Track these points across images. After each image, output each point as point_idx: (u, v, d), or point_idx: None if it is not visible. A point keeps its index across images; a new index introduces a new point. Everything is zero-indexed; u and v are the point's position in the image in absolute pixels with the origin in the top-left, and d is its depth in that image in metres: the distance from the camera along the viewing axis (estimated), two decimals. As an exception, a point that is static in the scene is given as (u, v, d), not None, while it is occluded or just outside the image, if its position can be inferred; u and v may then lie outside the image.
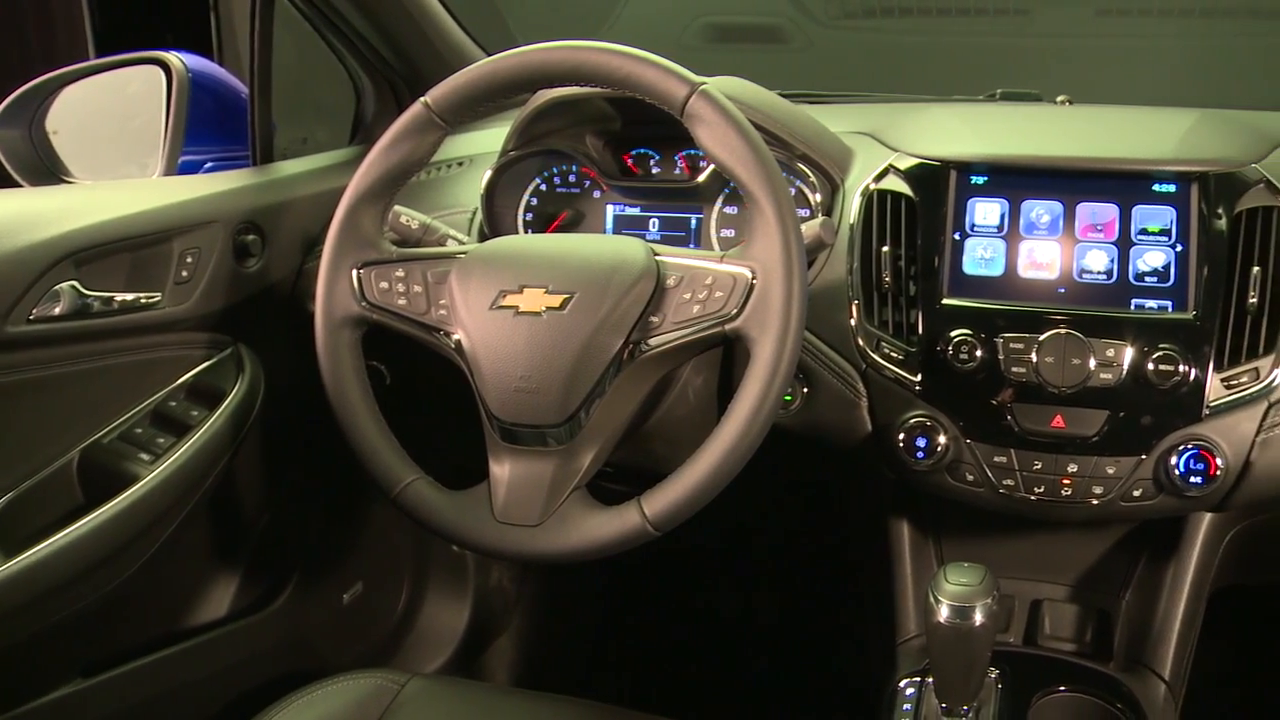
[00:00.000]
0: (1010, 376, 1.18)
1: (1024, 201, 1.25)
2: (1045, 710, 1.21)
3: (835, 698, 1.62)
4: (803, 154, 1.31)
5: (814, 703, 1.87)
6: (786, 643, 2.05)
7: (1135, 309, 1.19)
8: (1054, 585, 1.37)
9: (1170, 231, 1.21)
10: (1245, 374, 1.15)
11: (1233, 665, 1.83)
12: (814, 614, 2.04)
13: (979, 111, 1.47)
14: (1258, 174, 1.21)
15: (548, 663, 2.05)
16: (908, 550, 1.36)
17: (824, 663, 1.95)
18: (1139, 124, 1.35)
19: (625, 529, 1.08)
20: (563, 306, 1.09)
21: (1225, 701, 1.77)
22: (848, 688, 1.51)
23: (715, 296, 1.07)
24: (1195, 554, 1.29)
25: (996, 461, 1.20)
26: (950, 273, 1.23)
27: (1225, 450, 1.15)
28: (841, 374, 1.25)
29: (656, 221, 1.41)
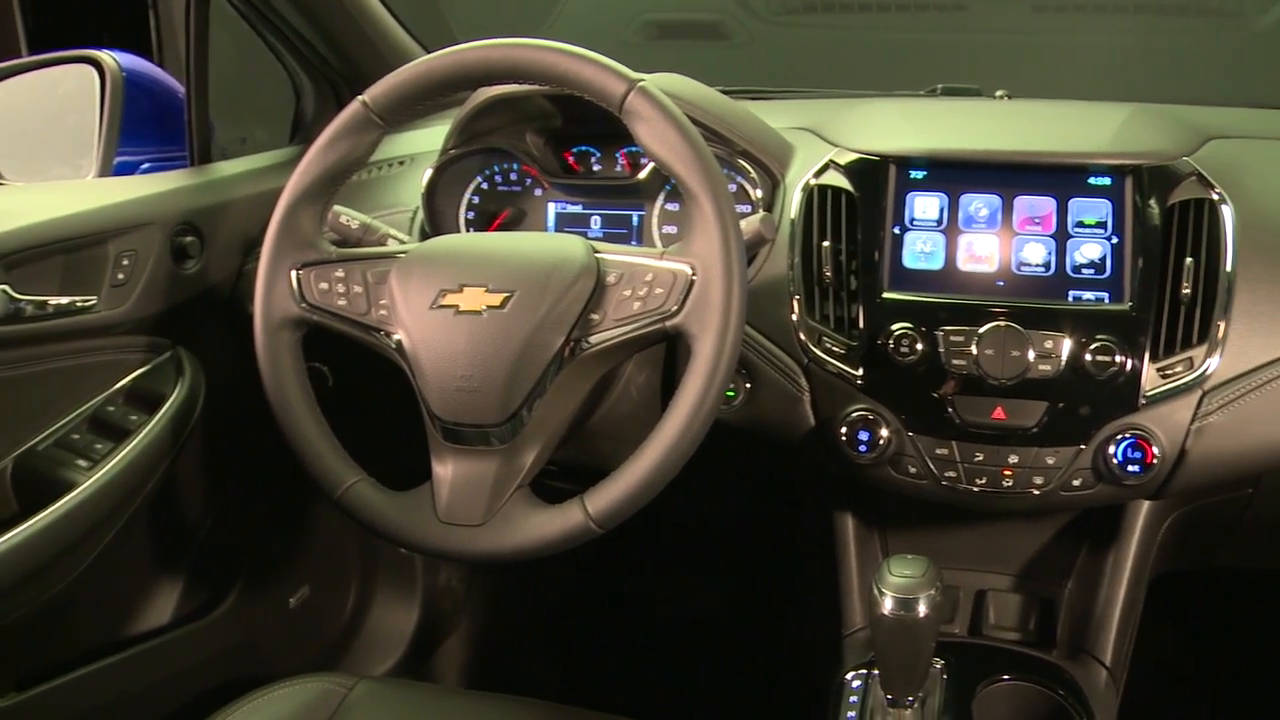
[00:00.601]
0: (951, 369, 1.19)
1: (962, 195, 1.26)
2: (989, 699, 1.22)
3: (784, 692, 1.63)
4: (743, 150, 1.31)
5: (763, 697, 1.88)
6: (735, 638, 2.06)
7: (1073, 301, 1.21)
8: (998, 575, 1.39)
9: (1106, 224, 1.23)
10: (1180, 364, 1.17)
11: (1173, 650, 1.86)
12: (762, 609, 2.05)
13: (919, 107, 1.48)
14: (1189, 167, 1.23)
15: (498, 663, 2.05)
16: (852, 543, 1.37)
17: (772, 657, 1.96)
18: (1075, 118, 1.36)
19: (568, 527, 1.07)
20: (503, 305, 1.09)
21: (1165, 685, 1.80)
22: (796, 681, 1.51)
23: (655, 293, 1.06)
24: (1134, 542, 1.30)
25: (938, 454, 1.20)
26: (890, 267, 1.24)
27: (1161, 439, 1.16)
28: (784, 369, 1.25)
29: (598, 219, 1.41)
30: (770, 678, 1.91)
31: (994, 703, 1.22)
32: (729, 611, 2.09)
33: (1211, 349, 1.16)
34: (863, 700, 1.21)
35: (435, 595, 1.95)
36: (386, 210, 1.45)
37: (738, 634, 2.06)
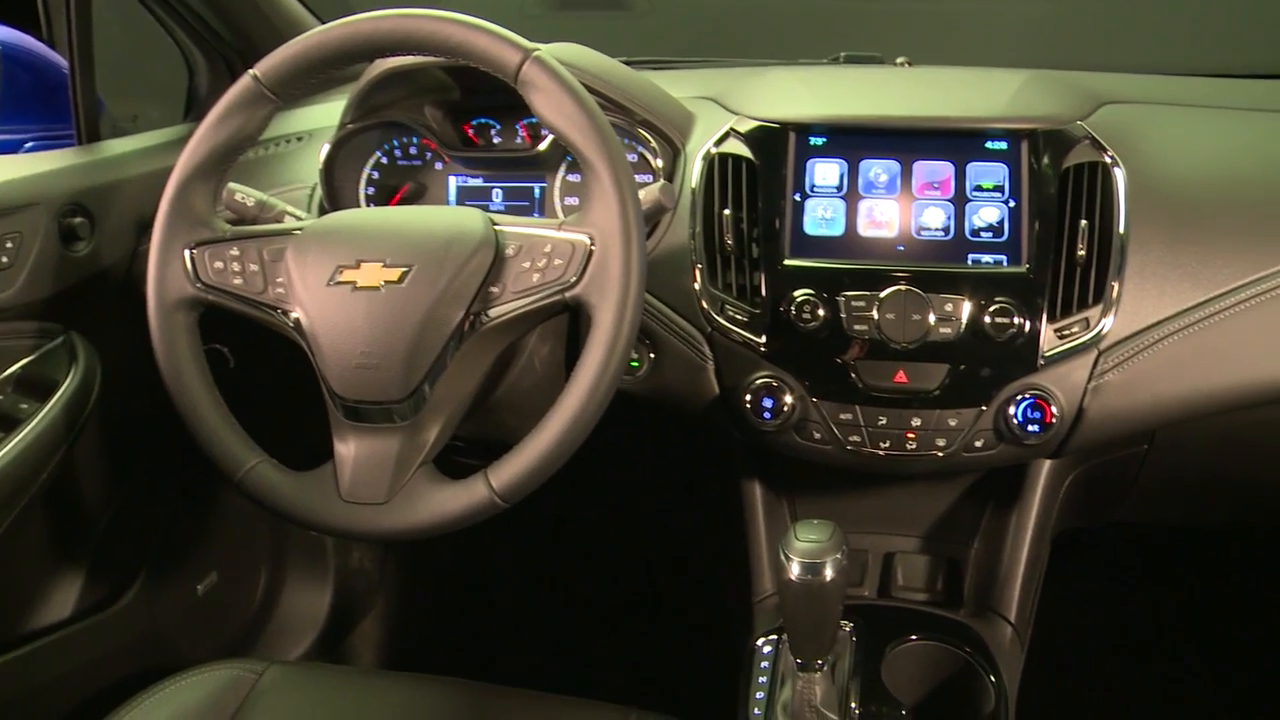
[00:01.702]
0: (853, 334, 1.20)
1: (862, 161, 1.26)
2: (898, 659, 1.24)
3: (700, 660, 1.64)
4: (643, 119, 1.31)
5: (679, 666, 1.89)
6: (651, 608, 2.07)
7: (972, 264, 1.22)
8: (906, 538, 1.40)
9: (1004, 188, 1.24)
10: (1076, 324, 1.19)
11: (1076, 605, 1.90)
12: (676, 578, 2.06)
13: (820, 74, 1.48)
14: (1083, 131, 1.25)
15: (414, 642, 2.03)
16: (761, 510, 1.38)
17: (688, 626, 1.97)
18: (972, 84, 1.38)
19: (473, 502, 1.07)
20: (401, 280, 1.07)
21: (1069, 639, 1.84)
22: (709, 649, 1.52)
23: (554, 264, 1.06)
24: (1036, 500, 1.33)
25: (842, 419, 1.21)
26: (791, 234, 1.24)
27: (1060, 398, 1.18)
28: (687, 338, 1.25)
29: (500, 192, 1.39)
30: (686, 647, 1.92)
31: (903, 663, 1.24)
32: (643, 582, 2.10)
33: (1106, 309, 1.18)
34: (773, 665, 1.22)
35: (348, 577, 1.93)
36: (284, 187, 1.42)
37: (653, 604, 2.07)
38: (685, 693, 1.43)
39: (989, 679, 1.23)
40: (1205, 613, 2.04)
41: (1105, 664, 1.95)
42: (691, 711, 1.23)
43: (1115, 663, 1.96)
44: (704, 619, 1.66)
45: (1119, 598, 2.03)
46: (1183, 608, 2.04)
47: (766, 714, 1.18)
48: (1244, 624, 2.02)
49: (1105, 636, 1.99)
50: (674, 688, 1.54)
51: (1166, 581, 2.05)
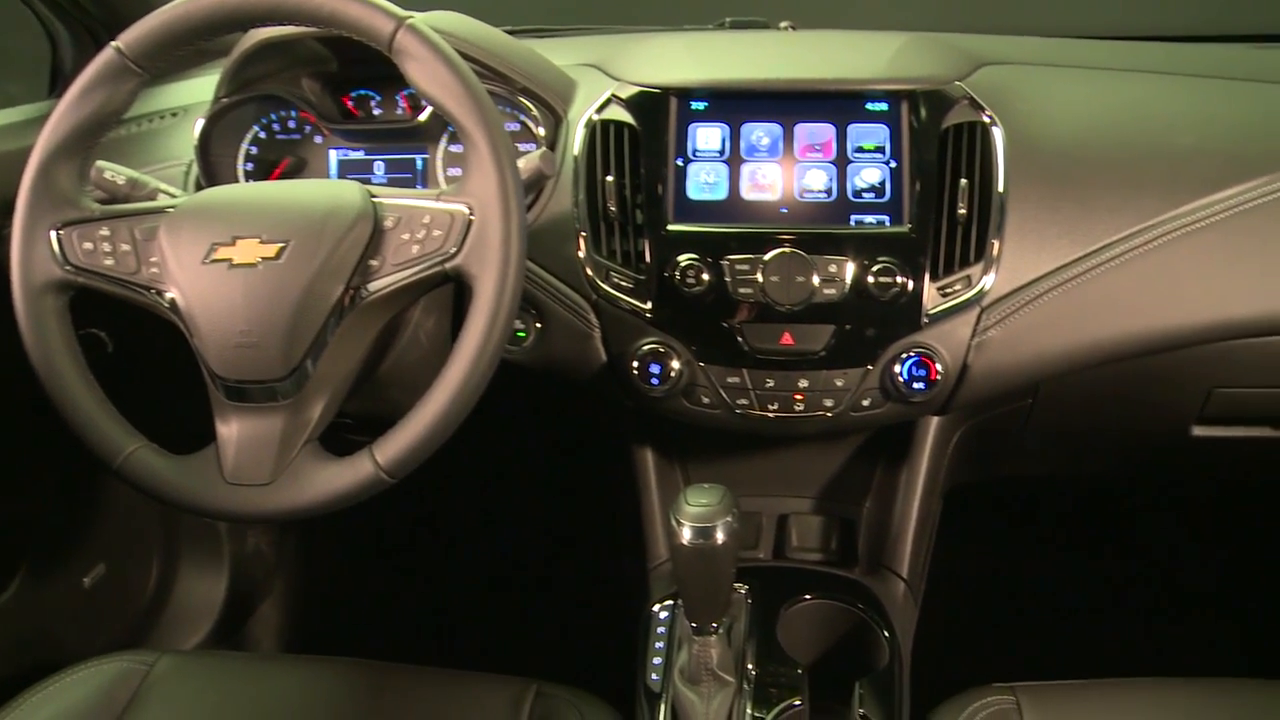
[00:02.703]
0: (738, 297, 1.20)
1: (744, 125, 1.26)
2: (793, 619, 1.25)
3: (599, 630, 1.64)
4: (523, 87, 1.29)
5: (580, 635, 1.89)
6: (547, 579, 2.07)
7: (855, 225, 1.23)
8: (799, 499, 1.42)
9: (885, 149, 1.25)
10: (958, 282, 1.20)
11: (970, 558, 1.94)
12: (573, 549, 2.06)
13: (704, 39, 1.48)
14: (961, 91, 1.26)
15: (316, 625, 2.00)
16: (653, 476, 1.38)
17: (586, 596, 1.97)
18: (853, 47, 1.38)
19: (359, 479, 1.05)
20: (278, 256, 1.05)
21: (963, 592, 1.87)
22: (610, 619, 1.53)
23: (434, 235, 1.04)
24: (925, 458, 1.35)
25: (730, 382, 1.22)
26: (675, 199, 1.24)
27: (944, 355, 1.20)
28: (573, 306, 1.24)
29: (382, 164, 1.37)
30: (586, 617, 1.92)
31: (798, 622, 1.25)
32: (543, 554, 2.10)
33: (987, 267, 1.20)
34: (670, 631, 1.23)
35: (244, 561, 1.89)
36: (158, 165, 1.38)
37: (553, 575, 2.07)
38: (587, 663, 1.42)
39: (883, 634, 1.24)
40: (1093, 560, 2.09)
41: (999, 615, 2.00)
42: (594, 681, 1.23)
43: (1009, 613, 2.01)
44: (603, 588, 1.66)
45: (1010, 550, 2.08)
46: (1071, 557, 2.09)
47: (664, 679, 1.18)
48: (1128, 568, 2.08)
49: (998, 588, 2.04)
50: (576, 658, 1.54)
51: (1055, 532, 2.10)
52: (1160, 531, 2.09)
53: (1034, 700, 1.16)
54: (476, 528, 2.14)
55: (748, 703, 1.15)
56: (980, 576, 2.02)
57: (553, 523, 2.09)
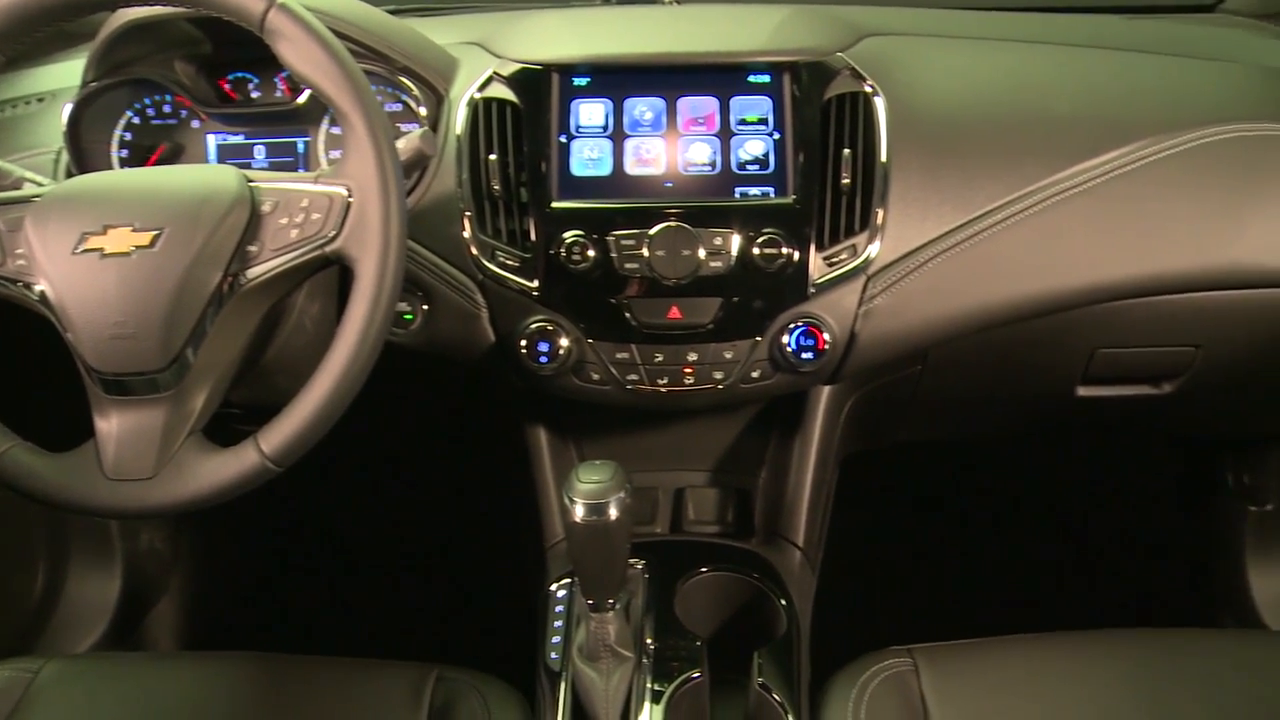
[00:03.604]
0: (624, 273, 1.20)
1: (627, 100, 1.26)
2: (690, 592, 1.25)
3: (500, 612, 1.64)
4: (404, 66, 1.27)
5: (480, 618, 1.88)
6: (447, 563, 2.06)
7: (739, 197, 1.23)
8: (695, 472, 1.42)
9: (768, 120, 1.25)
10: (844, 251, 1.21)
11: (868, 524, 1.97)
12: (471, 530, 2.05)
13: (586, 15, 1.47)
14: (843, 62, 1.27)
15: (216, 621, 1.97)
16: (547, 455, 1.38)
17: (486, 577, 1.96)
18: (735, 19, 1.38)
19: (244, 469, 1.03)
20: (152, 244, 1.02)
21: (863, 559, 1.90)
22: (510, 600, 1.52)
23: (313, 219, 1.02)
24: (818, 427, 1.36)
25: (619, 358, 1.22)
26: (559, 176, 1.23)
27: (832, 325, 1.21)
28: (459, 287, 1.23)
29: (263, 149, 1.34)
30: (488, 599, 1.91)
31: (695, 595, 1.26)
32: (442, 537, 2.08)
33: (872, 236, 1.21)
34: (568, 609, 1.23)
35: (138, 559, 1.85)
36: (24, 153, 1.33)
37: (452, 559, 2.06)
38: (489, 645, 1.42)
39: (780, 603, 1.26)
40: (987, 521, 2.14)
41: (900, 579, 2.03)
42: (497, 663, 1.23)
43: (910, 577, 2.04)
44: (502, 570, 1.66)
45: (907, 514, 2.12)
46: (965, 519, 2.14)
47: (563, 658, 1.18)
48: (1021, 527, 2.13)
49: (898, 552, 2.07)
50: (478, 641, 1.53)
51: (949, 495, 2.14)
52: (1050, 490, 2.14)
53: (930, 661, 1.19)
54: (374, 514, 2.11)
55: (647, 677, 1.15)
56: (879, 542, 2.05)
57: (450, 506, 2.08)
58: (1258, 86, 1.39)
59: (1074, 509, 2.13)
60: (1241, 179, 1.28)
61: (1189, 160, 1.27)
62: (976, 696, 1.16)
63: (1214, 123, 1.29)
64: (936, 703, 1.15)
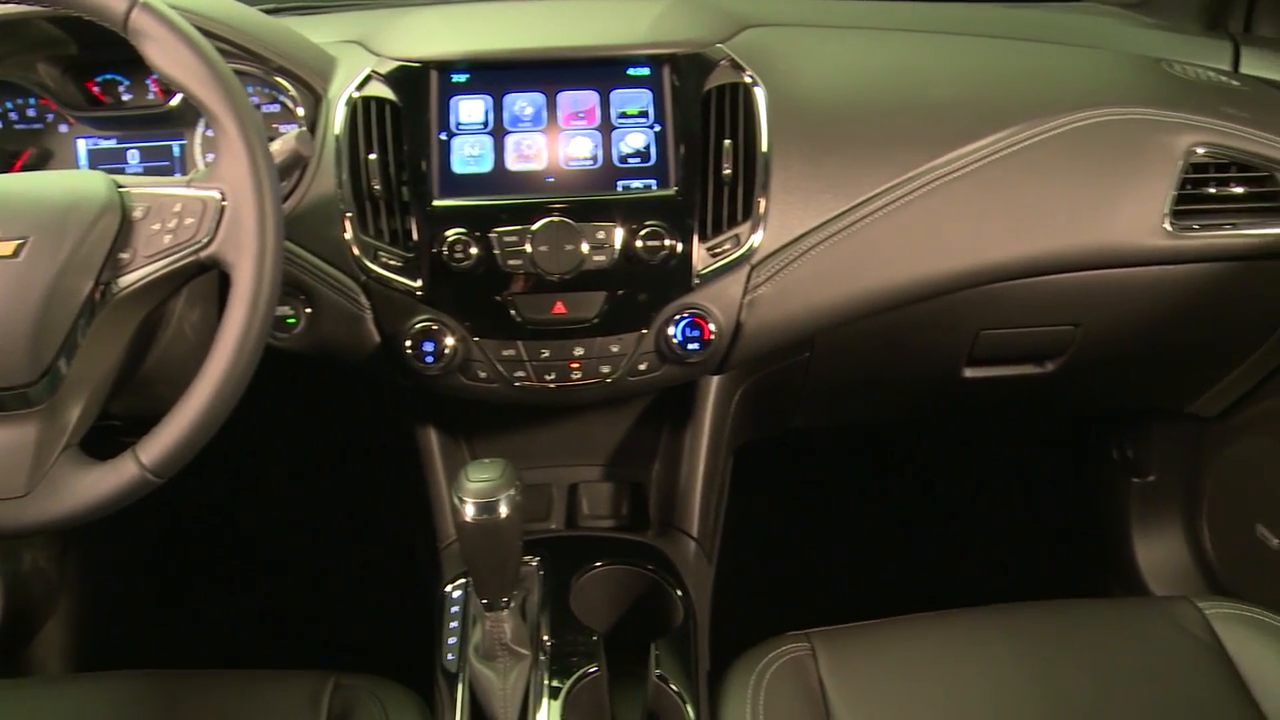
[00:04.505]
0: (508, 269, 1.19)
1: (506, 95, 1.25)
2: (586, 587, 1.25)
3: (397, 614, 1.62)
4: (279, 66, 1.25)
5: (378, 623, 1.86)
6: (342, 568, 2.03)
7: (622, 190, 1.23)
8: (588, 467, 1.42)
9: (648, 113, 1.25)
10: (727, 241, 1.22)
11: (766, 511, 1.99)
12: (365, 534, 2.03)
13: (466, 11, 1.45)
14: (722, 53, 1.28)
15: (106, 641, 1.91)
16: (438, 455, 1.37)
17: (382, 581, 1.94)
18: (615, 12, 1.38)
19: (123, 482, 1.00)
20: (16, 254, 0.99)
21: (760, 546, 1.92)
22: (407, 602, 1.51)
23: (186, 224, 1.00)
24: (708, 417, 1.37)
25: (506, 355, 1.21)
26: (439, 174, 1.22)
27: (717, 315, 1.22)
28: (342, 289, 1.21)
29: (137, 153, 1.31)
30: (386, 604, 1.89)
31: (591, 590, 1.26)
32: (336, 542, 2.06)
33: (755, 225, 1.22)
34: (464, 609, 1.22)
35: (21, 581, 1.79)
36: (-120, 162, 1.29)
37: (348, 564, 2.03)
38: (388, 650, 1.41)
39: (676, 594, 1.26)
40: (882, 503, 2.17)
41: (800, 565, 2.05)
42: (396, 668, 1.22)
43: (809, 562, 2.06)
44: (399, 573, 1.64)
45: (804, 500, 2.14)
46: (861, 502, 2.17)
47: (460, 659, 1.18)
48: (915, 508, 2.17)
49: (797, 538, 2.09)
50: (377, 646, 1.52)
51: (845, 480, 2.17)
52: (943, 469, 2.18)
53: (827, 644, 1.20)
54: (266, 522, 2.08)
55: (545, 674, 1.15)
56: (780, 529, 2.07)
57: (343, 510, 2.05)
58: (1125, 72, 1.43)
59: (968, 487, 2.17)
60: (1112, 161, 1.31)
61: (1062, 144, 1.30)
62: (873, 677, 1.18)
63: (1085, 107, 1.32)
64: (834, 685, 1.16)
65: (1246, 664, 1.18)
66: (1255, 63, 1.48)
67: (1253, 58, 1.49)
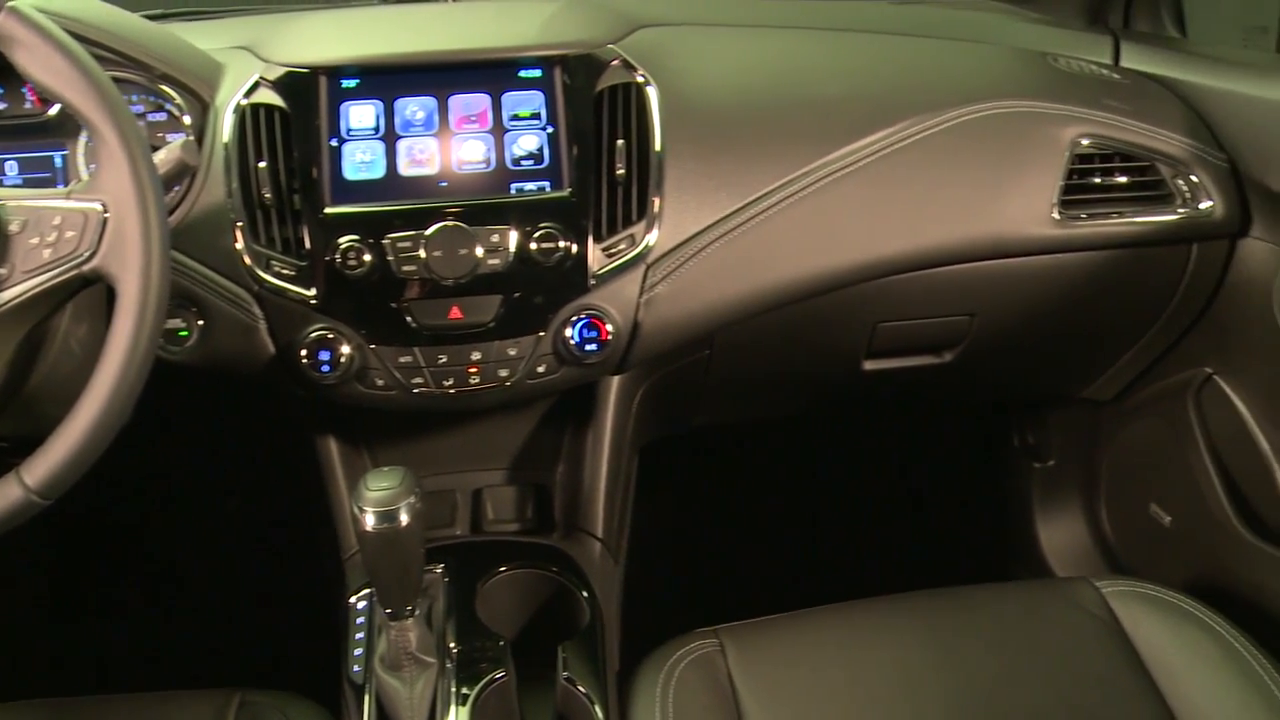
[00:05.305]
0: (402, 275, 1.18)
1: (397, 100, 1.24)
2: (492, 592, 1.25)
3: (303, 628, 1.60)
4: (163, 74, 1.23)
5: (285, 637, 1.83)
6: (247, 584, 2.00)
7: (515, 193, 1.23)
8: (492, 471, 1.42)
9: (541, 115, 1.25)
10: (622, 241, 1.22)
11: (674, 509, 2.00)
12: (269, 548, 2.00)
13: (355, 16, 1.44)
14: (614, 53, 1.28)
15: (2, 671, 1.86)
16: (339, 465, 1.35)
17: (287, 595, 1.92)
18: (507, 15, 1.38)
19: (6, 505, 0.97)
20: None
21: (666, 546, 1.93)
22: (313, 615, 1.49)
23: (67, 237, 0.97)
24: (610, 417, 1.37)
25: (403, 362, 1.20)
26: (331, 181, 1.21)
27: (614, 315, 1.22)
28: (235, 300, 1.20)
29: (14, 164, 1.27)
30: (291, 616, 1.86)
31: (497, 595, 1.25)
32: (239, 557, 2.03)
33: (650, 224, 1.23)
34: (369, 620, 1.21)
35: None
36: None
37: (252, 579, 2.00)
38: (293, 663, 1.39)
39: (581, 595, 1.26)
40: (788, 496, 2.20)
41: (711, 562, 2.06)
42: (304, 682, 1.20)
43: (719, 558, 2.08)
44: (304, 586, 1.62)
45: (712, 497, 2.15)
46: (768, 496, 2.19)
47: (365, 669, 1.17)
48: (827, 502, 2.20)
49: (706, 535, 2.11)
50: (283, 661, 1.50)
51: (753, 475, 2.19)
52: (851, 461, 2.21)
53: (736, 639, 1.21)
54: (168, 540, 2.04)
55: (451, 681, 1.14)
56: (691, 526, 2.08)
57: (246, 525, 2.02)
58: (1012, 66, 1.46)
59: (874, 478, 2.20)
60: (1000, 153, 1.34)
61: (951, 138, 1.33)
62: (782, 670, 1.19)
63: (974, 101, 1.34)
64: (743, 680, 1.17)
65: (1141, 639, 1.21)
66: (1134, 56, 1.53)
67: (1132, 52, 1.53)
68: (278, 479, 1.79)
